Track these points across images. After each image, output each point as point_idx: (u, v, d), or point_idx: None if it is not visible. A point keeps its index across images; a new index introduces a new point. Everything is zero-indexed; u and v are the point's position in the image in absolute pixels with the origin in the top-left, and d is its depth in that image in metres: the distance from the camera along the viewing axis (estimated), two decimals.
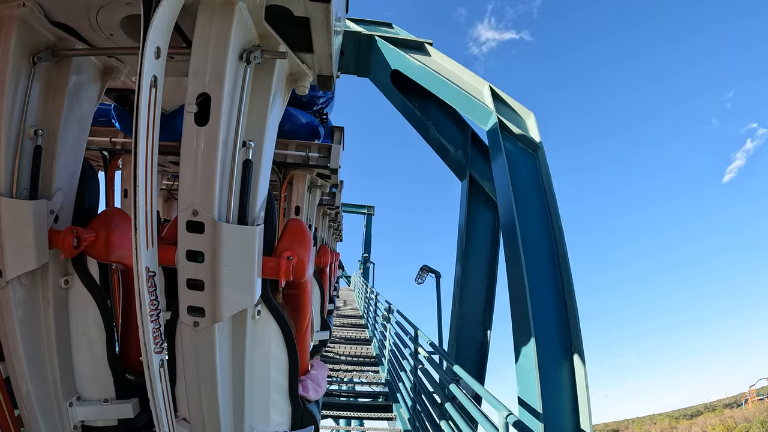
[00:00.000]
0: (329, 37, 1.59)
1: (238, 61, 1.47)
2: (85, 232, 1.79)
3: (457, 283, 9.73)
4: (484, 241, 9.76)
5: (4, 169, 1.62)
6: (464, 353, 9.25)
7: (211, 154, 1.44)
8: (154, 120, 1.33)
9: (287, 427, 1.90)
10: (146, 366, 1.44)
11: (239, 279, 1.53)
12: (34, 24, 1.65)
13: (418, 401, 6.67)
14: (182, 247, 1.49)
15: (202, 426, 1.65)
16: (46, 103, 1.75)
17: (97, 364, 1.90)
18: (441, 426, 5.39)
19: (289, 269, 1.72)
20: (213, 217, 1.46)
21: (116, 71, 1.99)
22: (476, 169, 9.77)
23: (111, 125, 3.05)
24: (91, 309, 1.86)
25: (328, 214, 7.27)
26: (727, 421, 39.41)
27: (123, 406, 1.92)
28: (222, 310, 1.51)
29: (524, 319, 6.02)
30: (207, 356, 1.56)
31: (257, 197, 1.61)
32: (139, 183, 1.31)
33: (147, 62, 1.27)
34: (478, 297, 9.55)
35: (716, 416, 43.00)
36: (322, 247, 5.34)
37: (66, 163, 1.81)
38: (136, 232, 1.33)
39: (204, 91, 1.43)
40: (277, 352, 1.82)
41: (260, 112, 1.60)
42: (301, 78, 1.78)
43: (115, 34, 1.81)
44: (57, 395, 1.84)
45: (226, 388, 1.65)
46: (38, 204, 1.68)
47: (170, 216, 5.29)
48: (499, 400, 3.74)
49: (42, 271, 1.76)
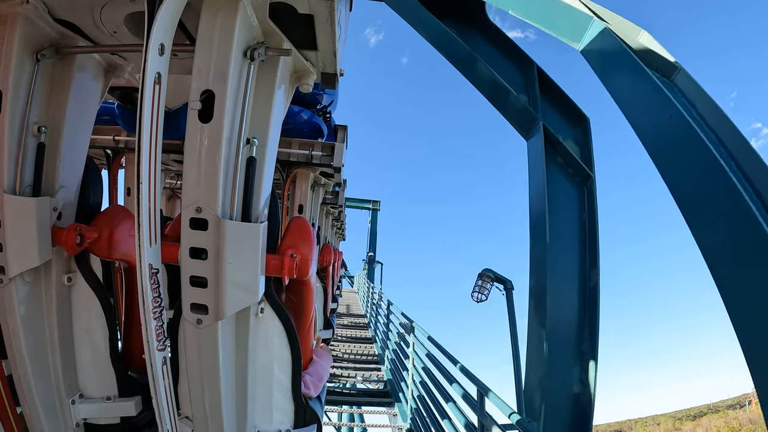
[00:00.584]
0: (333, 35, 1.58)
1: (242, 59, 1.47)
2: (89, 230, 1.79)
3: (536, 297, 6.02)
4: (570, 228, 6.19)
5: (8, 166, 1.62)
6: (553, 413, 5.46)
7: (215, 152, 1.43)
8: (157, 117, 1.33)
9: (290, 425, 1.90)
10: (149, 363, 1.44)
11: (243, 276, 1.52)
12: (38, 21, 1.65)
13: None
14: (186, 244, 1.48)
15: (205, 424, 1.65)
16: (50, 101, 1.75)
17: (100, 361, 1.90)
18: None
19: (293, 267, 1.72)
20: (217, 214, 1.45)
21: (120, 69, 1.99)
22: (550, 120, 6.49)
23: (114, 123, 3.06)
24: (94, 306, 1.86)
25: (331, 213, 7.26)
26: (731, 423, 39.29)
27: (125, 403, 1.92)
28: (225, 308, 1.50)
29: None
30: (210, 354, 1.55)
31: (261, 195, 1.61)
32: (143, 180, 1.31)
33: (151, 59, 1.26)
34: (568, 316, 5.84)
35: (720, 417, 42.87)
36: (325, 245, 5.34)
37: (69, 161, 1.81)
38: (140, 229, 1.33)
39: (208, 88, 1.42)
40: (280, 350, 1.82)
41: (264, 109, 1.60)
42: (305, 76, 1.78)
43: (119, 31, 1.81)
44: (59, 393, 1.84)
45: (229, 386, 1.65)
46: (41, 201, 1.69)
47: (173, 214, 5.30)
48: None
49: (45, 268, 1.76)
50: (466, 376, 4.74)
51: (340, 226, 10.29)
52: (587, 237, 6.14)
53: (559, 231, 6.06)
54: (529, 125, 6.58)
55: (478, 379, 4.42)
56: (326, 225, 6.89)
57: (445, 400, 5.39)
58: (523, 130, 6.77)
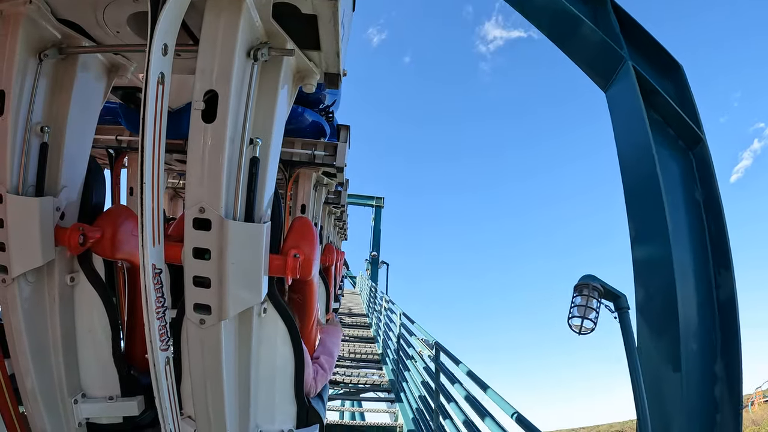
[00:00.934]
0: (337, 35, 1.58)
1: (245, 59, 1.47)
2: (92, 229, 1.79)
3: (653, 313, 4.16)
4: (678, 212, 4.36)
5: (11, 166, 1.63)
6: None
7: (219, 151, 1.43)
8: (161, 117, 1.33)
9: (293, 425, 1.90)
10: (152, 363, 1.44)
11: (246, 276, 1.52)
12: (41, 21, 1.65)
13: None
14: (189, 244, 1.48)
15: (208, 424, 1.65)
16: (53, 100, 1.76)
17: (103, 361, 1.91)
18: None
19: (296, 267, 1.71)
20: (220, 214, 1.45)
21: (123, 68, 1.99)
22: (638, 63, 4.75)
23: (117, 123, 3.07)
24: (97, 306, 1.86)
25: (333, 213, 7.25)
26: None
27: (128, 403, 1.92)
28: (228, 308, 1.50)
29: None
30: (213, 354, 1.55)
31: (264, 195, 1.61)
32: (146, 179, 1.31)
33: (154, 59, 1.27)
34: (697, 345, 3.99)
35: None
36: (327, 245, 5.34)
37: (72, 160, 1.82)
38: (143, 229, 1.33)
39: (211, 88, 1.42)
40: (283, 350, 1.82)
41: (267, 109, 1.60)
42: (308, 76, 1.78)
43: (122, 31, 1.81)
44: (62, 392, 1.85)
45: (232, 386, 1.65)
46: (44, 201, 1.69)
47: (176, 214, 5.31)
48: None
49: (48, 268, 1.76)
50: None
51: (342, 225, 10.24)
52: (707, 225, 4.34)
53: (675, 215, 4.25)
54: (611, 67, 4.82)
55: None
56: (328, 225, 6.89)
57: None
58: (601, 76, 5.02)
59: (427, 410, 6.14)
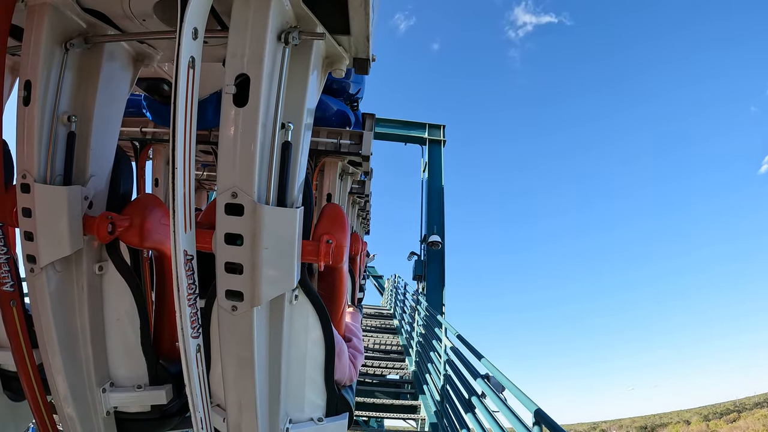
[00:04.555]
0: (368, 18, 1.56)
1: (276, 42, 1.45)
2: (120, 218, 1.79)
3: None
4: None
5: (38, 156, 1.63)
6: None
7: (251, 136, 1.42)
8: (192, 101, 1.32)
9: (322, 413, 1.88)
10: (183, 351, 1.42)
11: (279, 262, 1.50)
12: (66, 11, 1.65)
13: None
14: (221, 230, 1.47)
15: (238, 412, 1.63)
16: (80, 90, 1.76)
17: (131, 350, 1.90)
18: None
19: (329, 253, 1.70)
20: (253, 199, 1.44)
21: (149, 57, 1.99)
22: None
23: (142, 115, 3.07)
24: (126, 295, 1.86)
25: (357, 203, 7.19)
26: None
27: (156, 392, 1.92)
28: (261, 294, 1.48)
29: None
30: (245, 341, 1.53)
31: (296, 180, 1.59)
32: (178, 164, 1.30)
33: (185, 44, 1.26)
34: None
35: (756, 419, 42.17)
36: (353, 234, 5.30)
37: (100, 149, 1.81)
38: (174, 215, 1.32)
39: (243, 72, 1.41)
40: (314, 338, 1.79)
41: (298, 94, 1.58)
42: (337, 61, 1.76)
43: (148, 20, 1.81)
44: (90, 381, 1.85)
45: (263, 374, 1.63)
46: (72, 190, 1.69)
47: (199, 205, 5.28)
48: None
49: (76, 257, 1.76)
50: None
51: (365, 216, 10.00)
52: None
53: None
54: None
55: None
56: (352, 215, 6.84)
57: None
58: None
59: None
